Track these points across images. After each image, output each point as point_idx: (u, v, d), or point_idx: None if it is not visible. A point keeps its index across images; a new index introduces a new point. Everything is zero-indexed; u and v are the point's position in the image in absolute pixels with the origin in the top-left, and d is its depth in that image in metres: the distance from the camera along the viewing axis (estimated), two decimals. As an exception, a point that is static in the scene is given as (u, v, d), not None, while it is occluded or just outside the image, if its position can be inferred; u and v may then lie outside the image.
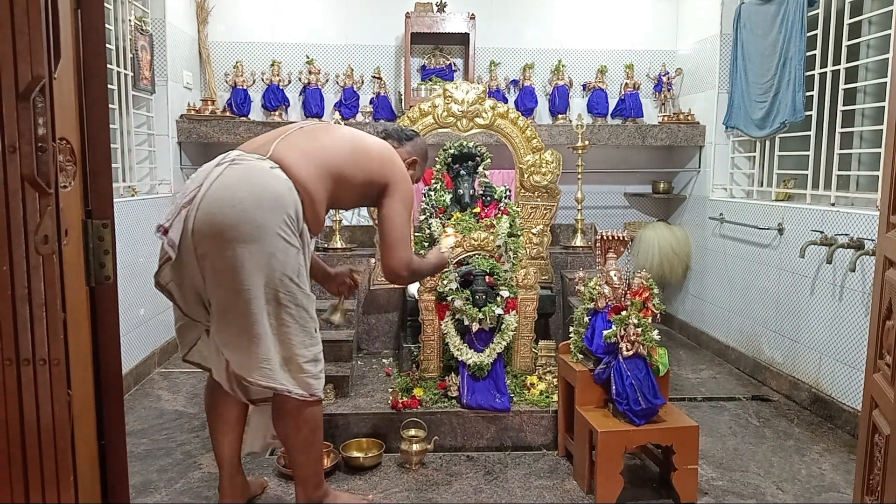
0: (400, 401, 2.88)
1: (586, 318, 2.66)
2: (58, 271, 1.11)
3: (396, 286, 3.43)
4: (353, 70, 4.87)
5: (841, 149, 3.40)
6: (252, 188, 1.95)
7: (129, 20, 3.82)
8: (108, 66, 3.49)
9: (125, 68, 3.80)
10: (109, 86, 3.57)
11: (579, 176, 4.14)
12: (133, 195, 3.85)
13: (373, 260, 3.67)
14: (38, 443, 1.13)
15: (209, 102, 4.60)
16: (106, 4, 3.53)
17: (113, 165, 3.48)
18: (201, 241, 1.92)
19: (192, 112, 4.52)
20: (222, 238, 1.90)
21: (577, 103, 5.02)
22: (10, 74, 1.03)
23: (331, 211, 2.41)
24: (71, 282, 1.16)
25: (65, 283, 1.13)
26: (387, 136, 2.46)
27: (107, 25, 3.50)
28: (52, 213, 1.08)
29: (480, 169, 3.43)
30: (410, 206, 2.28)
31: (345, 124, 4.16)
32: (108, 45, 3.49)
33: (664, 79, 4.95)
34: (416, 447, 2.68)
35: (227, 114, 4.64)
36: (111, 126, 3.50)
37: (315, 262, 2.46)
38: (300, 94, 4.91)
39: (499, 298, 2.96)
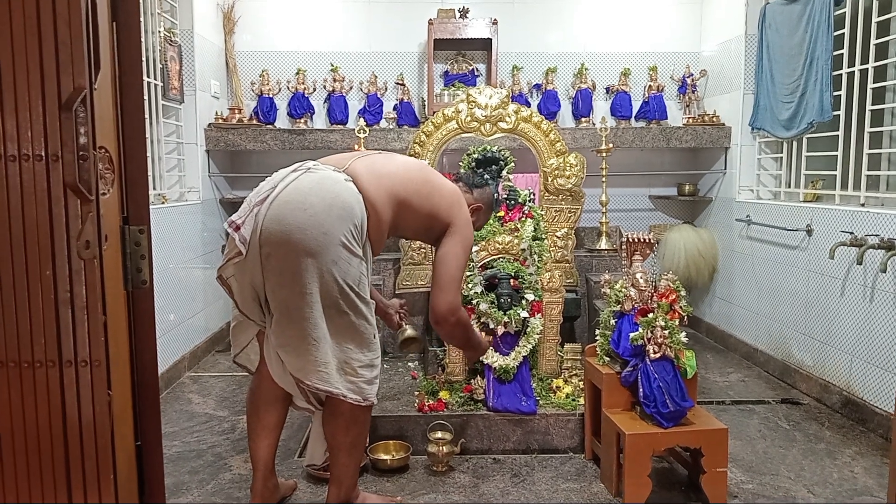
0: (426, 404, 2.90)
1: (612, 321, 2.66)
2: (99, 275, 1.14)
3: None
4: (376, 77, 4.91)
5: (870, 148, 3.35)
6: (324, 195, 2.00)
7: (159, 31, 3.91)
8: (139, 76, 3.56)
9: (155, 79, 3.87)
10: (140, 96, 3.64)
11: (603, 179, 4.14)
12: (163, 203, 3.92)
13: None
14: (79, 442, 1.17)
15: (236, 111, 4.68)
16: (136, 16, 3.60)
17: (144, 174, 3.55)
18: (268, 241, 1.97)
19: (220, 121, 4.59)
20: (289, 240, 1.95)
21: (601, 106, 5.01)
22: (53, 85, 1.07)
23: None
24: (110, 286, 1.20)
25: (105, 286, 1.17)
26: (458, 180, 2.54)
27: (137, 37, 3.58)
28: (93, 220, 1.12)
29: (504, 173, 3.45)
30: (468, 251, 2.29)
31: (369, 130, 4.22)
32: (138, 56, 3.57)
33: (688, 80, 4.92)
34: (443, 450, 2.69)
35: (254, 122, 4.71)
36: (142, 135, 3.57)
37: (372, 290, 2.52)
38: (325, 101, 4.97)
39: (524, 302, 2.97)
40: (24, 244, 1.10)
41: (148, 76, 3.81)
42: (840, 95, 3.52)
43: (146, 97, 3.79)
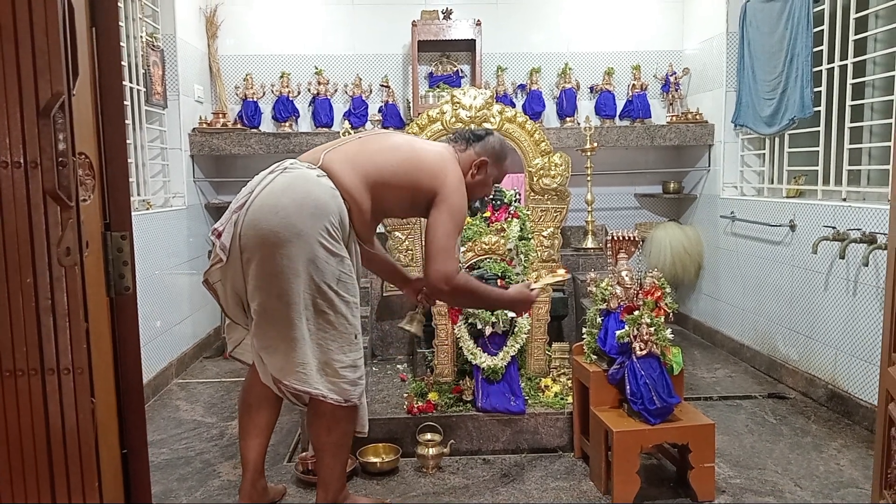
0: (415, 405, 2.89)
1: (599, 319, 2.67)
2: (80, 282, 1.13)
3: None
4: (361, 79, 4.91)
5: (851, 143, 3.39)
6: (295, 196, 2.00)
7: (141, 36, 3.88)
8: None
9: (138, 84, 3.85)
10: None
11: (589, 178, 4.16)
12: (148, 209, 3.89)
13: None
14: (63, 451, 1.16)
15: (220, 115, 4.66)
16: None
17: (127, 180, 3.53)
18: (246, 246, 1.99)
19: (204, 125, 4.57)
20: (265, 243, 1.97)
21: (585, 106, 5.03)
22: (30, 92, 1.06)
23: None
24: (92, 293, 1.19)
25: (86, 293, 1.16)
26: (455, 140, 2.43)
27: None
28: (73, 226, 1.11)
29: (490, 173, 3.45)
30: (459, 218, 2.22)
31: (354, 133, 4.22)
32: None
33: (671, 79, 4.95)
34: (432, 451, 2.70)
35: (239, 126, 4.69)
36: (125, 141, 3.55)
37: (394, 267, 2.56)
38: (309, 104, 4.96)
39: (511, 302, 2.97)
40: (3, 252, 1.09)
41: (130, 81, 3.79)
42: (820, 91, 3.56)
43: (129, 103, 3.76)
